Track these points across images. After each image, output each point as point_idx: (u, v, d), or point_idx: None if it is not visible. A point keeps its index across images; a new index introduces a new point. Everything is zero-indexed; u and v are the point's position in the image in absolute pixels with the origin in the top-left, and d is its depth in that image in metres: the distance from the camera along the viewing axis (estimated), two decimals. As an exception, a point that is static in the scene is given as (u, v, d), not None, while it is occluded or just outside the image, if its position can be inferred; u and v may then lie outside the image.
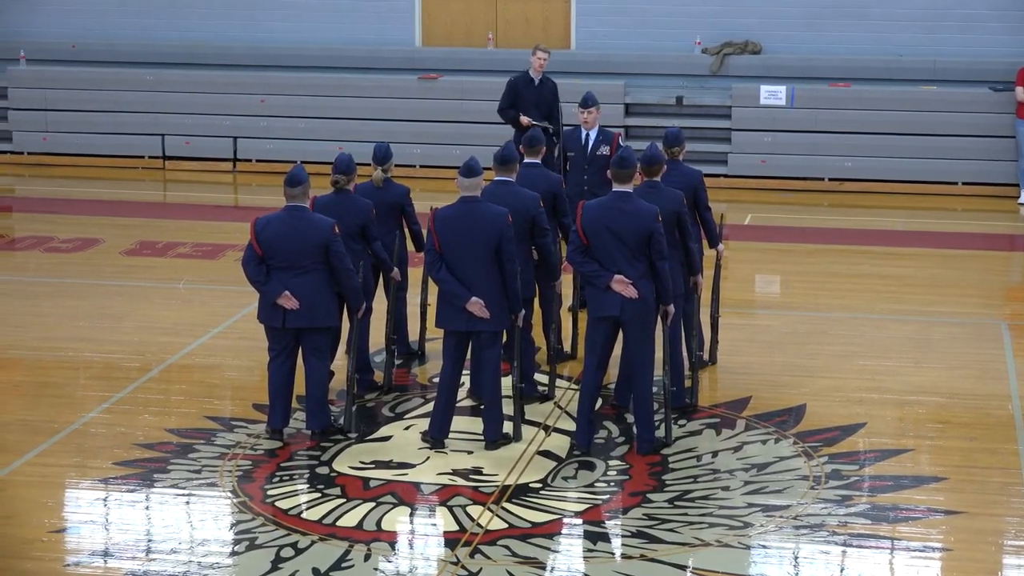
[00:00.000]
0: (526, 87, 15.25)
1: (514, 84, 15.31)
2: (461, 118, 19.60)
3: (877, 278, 14.35)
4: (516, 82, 15.32)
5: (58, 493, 9.02)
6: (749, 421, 10.17)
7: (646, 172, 9.81)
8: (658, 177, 9.88)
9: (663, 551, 8.12)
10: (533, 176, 10.70)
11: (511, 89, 15.29)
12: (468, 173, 9.51)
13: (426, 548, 8.35)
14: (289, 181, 9.59)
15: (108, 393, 10.73)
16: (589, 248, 9.32)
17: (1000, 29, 19.26)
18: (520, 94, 15.22)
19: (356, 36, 20.60)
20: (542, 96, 15.24)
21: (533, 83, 15.27)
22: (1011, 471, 9.32)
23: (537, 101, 15.21)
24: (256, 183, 19.56)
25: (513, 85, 15.31)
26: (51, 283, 13.94)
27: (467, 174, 9.50)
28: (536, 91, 15.22)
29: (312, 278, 9.54)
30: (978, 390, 10.89)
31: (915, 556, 8.15)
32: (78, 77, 20.55)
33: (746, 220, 16.89)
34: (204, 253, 15.19)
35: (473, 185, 9.51)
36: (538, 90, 15.23)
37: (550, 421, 10.14)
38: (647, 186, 9.78)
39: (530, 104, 15.15)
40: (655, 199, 9.53)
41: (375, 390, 10.70)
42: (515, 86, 15.29)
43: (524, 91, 15.22)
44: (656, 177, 9.86)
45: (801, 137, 18.88)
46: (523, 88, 15.24)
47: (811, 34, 19.66)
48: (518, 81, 15.32)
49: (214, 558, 8.07)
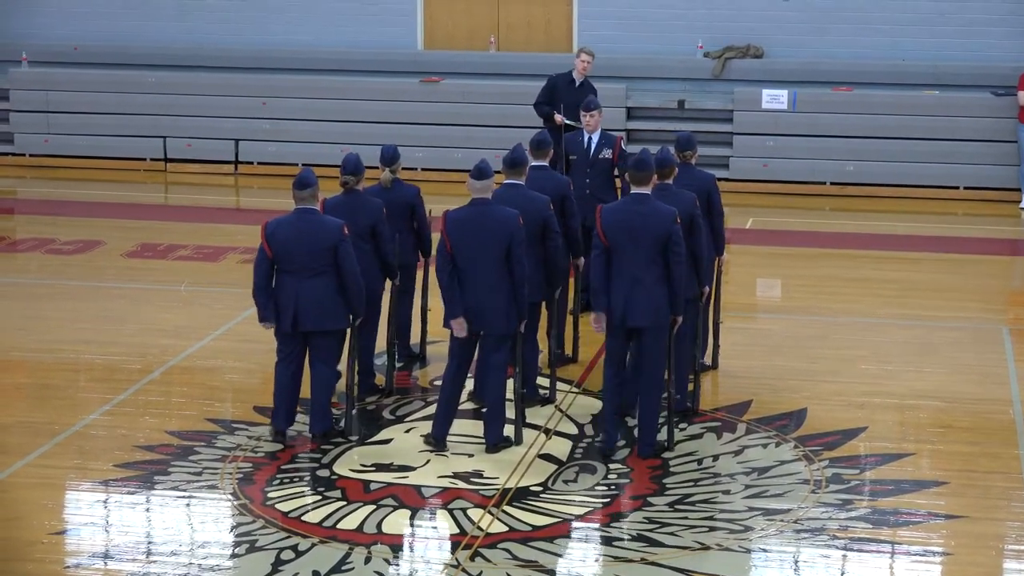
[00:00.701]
0: (566, 87, 15.26)
1: (554, 82, 15.38)
2: (463, 121, 19.59)
3: (878, 282, 14.35)
4: (556, 80, 15.38)
5: (59, 495, 9.02)
6: (750, 425, 10.16)
7: (658, 175, 9.83)
8: (670, 180, 9.89)
9: (663, 555, 8.12)
10: (541, 179, 10.66)
11: (550, 87, 15.35)
12: (479, 175, 9.51)
13: (427, 551, 8.34)
14: (298, 184, 9.58)
15: (109, 395, 10.72)
16: (609, 251, 9.33)
17: (1002, 34, 19.27)
18: (559, 93, 15.23)
19: (358, 39, 20.61)
20: (581, 99, 15.22)
21: (574, 84, 15.30)
22: (1012, 475, 9.31)
23: (575, 103, 15.21)
24: (257, 186, 19.56)
25: (553, 83, 15.37)
26: (52, 285, 13.94)
27: (478, 176, 9.50)
28: (576, 93, 15.13)
29: (323, 281, 9.53)
30: (979, 394, 10.89)
31: (916, 560, 8.14)
32: (80, 79, 20.56)
33: (748, 224, 16.89)
34: (205, 256, 15.19)
35: (485, 188, 9.50)
36: (578, 92, 15.15)
37: (551, 425, 10.14)
38: (659, 189, 9.78)
39: (567, 105, 15.17)
40: (666, 202, 9.53)
41: (376, 393, 10.69)
42: (554, 84, 15.35)
43: (563, 91, 15.22)
44: (668, 180, 9.87)
45: (803, 141, 18.87)
46: (563, 87, 15.26)
47: (813, 38, 19.67)
48: (559, 80, 15.37)
49: (214, 560, 8.07)
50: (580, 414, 10.36)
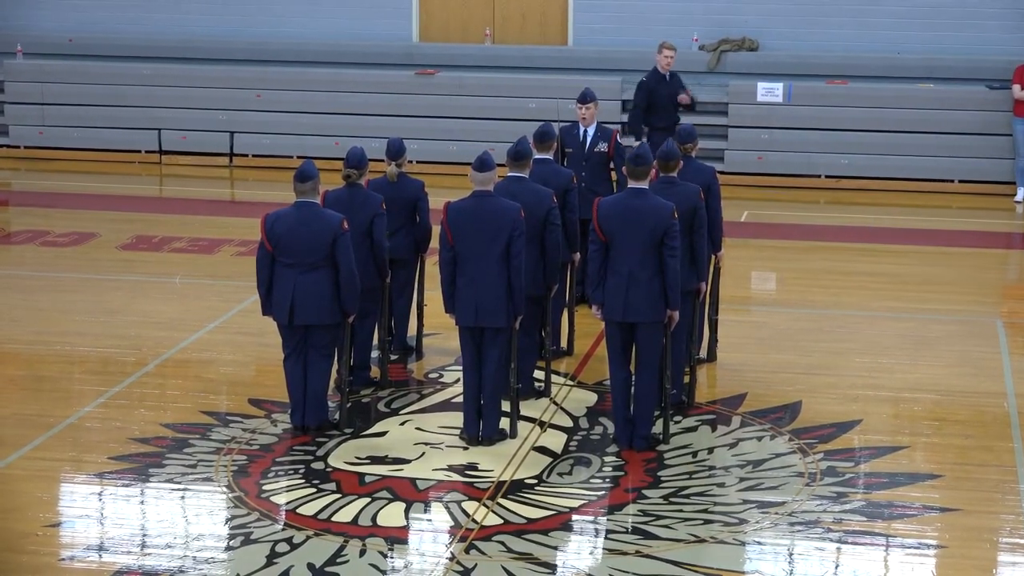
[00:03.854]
0: (659, 84, 15.82)
1: (646, 84, 15.86)
2: (458, 114, 19.57)
3: (873, 275, 14.35)
4: (648, 81, 15.87)
5: (53, 487, 9.02)
6: (745, 418, 10.17)
7: (662, 168, 9.82)
8: (674, 173, 9.89)
9: (658, 547, 8.12)
10: (544, 172, 10.64)
11: (644, 89, 15.81)
12: (481, 167, 9.49)
13: (421, 543, 8.34)
14: (299, 176, 9.57)
15: (104, 388, 10.71)
16: (606, 245, 9.32)
17: (997, 27, 19.27)
18: (655, 92, 15.77)
19: (353, 31, 20.59)
20: (674, 91, 15.86)
21: (665, 79, 15.83)
22: (1006, 468, 9.33)
23: (671, 96, 15.80)
24: (252, 178, 19.55)
25: (645, 85, 15.85)
26: (47, 277, 13.93)
27: (480, 168, 9.49)
28: (669, 87, 15.81)
29: (321, 274, 9.52)
30: (974, 387, 10.90)
31: (910, 553, 8.15)
32: (75, 71, 20.54)
33: (742, 217, 16.88)
34: (200, 248, 15.18)
35: (486, 180, 9.49)
36: (670, 85, 15.82)
37: (546, 417, 10.14)
38: (663, 182, 9.78)
39: (665, 99, 15.76)
40: (671, 194, 9.53)
41: (371, 386, 10.69)
42: (648, 85, 15.83)
43: (658, 88, 15.79)
44: (672, 173, 9.87)
45: (798, 134, 18.87)
46: (657, 86, 15.81)
47: (808, 31, 19.67)
48: (650, 80, 15.87)
49: (209, 553, 8.07)
50: (575, 407, 10.37)
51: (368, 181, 10.56)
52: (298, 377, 9.67)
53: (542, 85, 19.20)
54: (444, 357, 11.37)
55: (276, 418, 10.03)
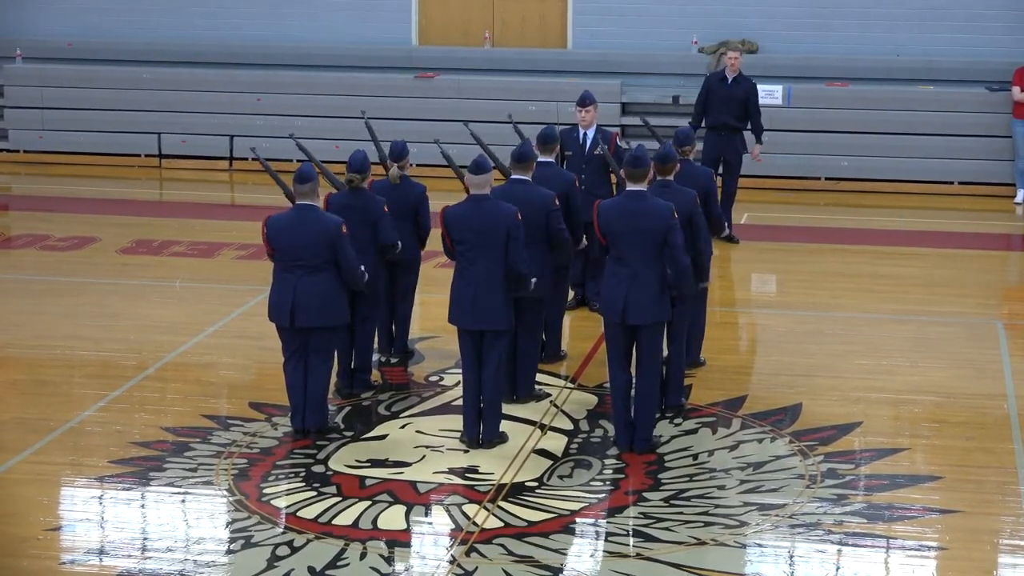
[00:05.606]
0: (718, 84, 15.78)
1: (708, 81, 15.97)
2: (457, 117, 19.50)
3: (874, 277, 14.35)
4: (710, 79, 15.98)
5: (54, 491, 9.01)
6: (745, 420, 10.17)
7: (660, 171, 9.82)
8: (671, 176, 9.89)
9: (659, 550, 8.12)
10: (547, 175, 10.63)
11: (704, 88, 15.87)
12: (477, 171, 9.50)
13: (422, 547, 8.34)
14: (298, 178, 9.58)
15: (104, 391, 10.71)
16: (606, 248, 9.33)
17: (997, 29, 19.26)
18: (712, 91, 15.74)
19: (353, 35, 20.59)
20: (733, 95, 15.67)
21: (726, 81, 15.75)
22: (1007, 470, 9.32)
23: (727, 99, 15.65)
24: (252, 182, 19.52)
25: (707, 82, 15.94)
26: (47, 281, 13.93)
27: (476, 171, 9.50)
28: (728, 90, 15.67)
29: (322, 277, 9.53)
30: (974, 389, 10.90)
31: (911, 555, 8.15)
32: (75, 75, 20.52)
33: (742, 219, 16.88)
34: (200, 252, 15.18)
35: (482, 183, 9.50)
36: (730, 89, 15.67)
37: (546, 420, 10.14)
38: (660, 185, 9.78)
39: (719, 101, 15.63)
40: (668, 198, 9.52)
41: (371, 389, 10.69)
42: (708, 83, 15.91)
43: (716, 88, 15.74)
44: (670, 176, 9.87)
45: (798, 136, 18.86)
46: (715, 85, 15.78)
47: (808, 33, 19.66)
48: (711, 78, 15.97)
49: (210, 556, 8.06)
50: (575, 409, 10.36)
51: (371, 183, 10.59)
52: (298, 380, 9.67)
53: (541, 88, 19.21)
54: (444, 360, 11.37)
55: (276, 421, 10.03)
